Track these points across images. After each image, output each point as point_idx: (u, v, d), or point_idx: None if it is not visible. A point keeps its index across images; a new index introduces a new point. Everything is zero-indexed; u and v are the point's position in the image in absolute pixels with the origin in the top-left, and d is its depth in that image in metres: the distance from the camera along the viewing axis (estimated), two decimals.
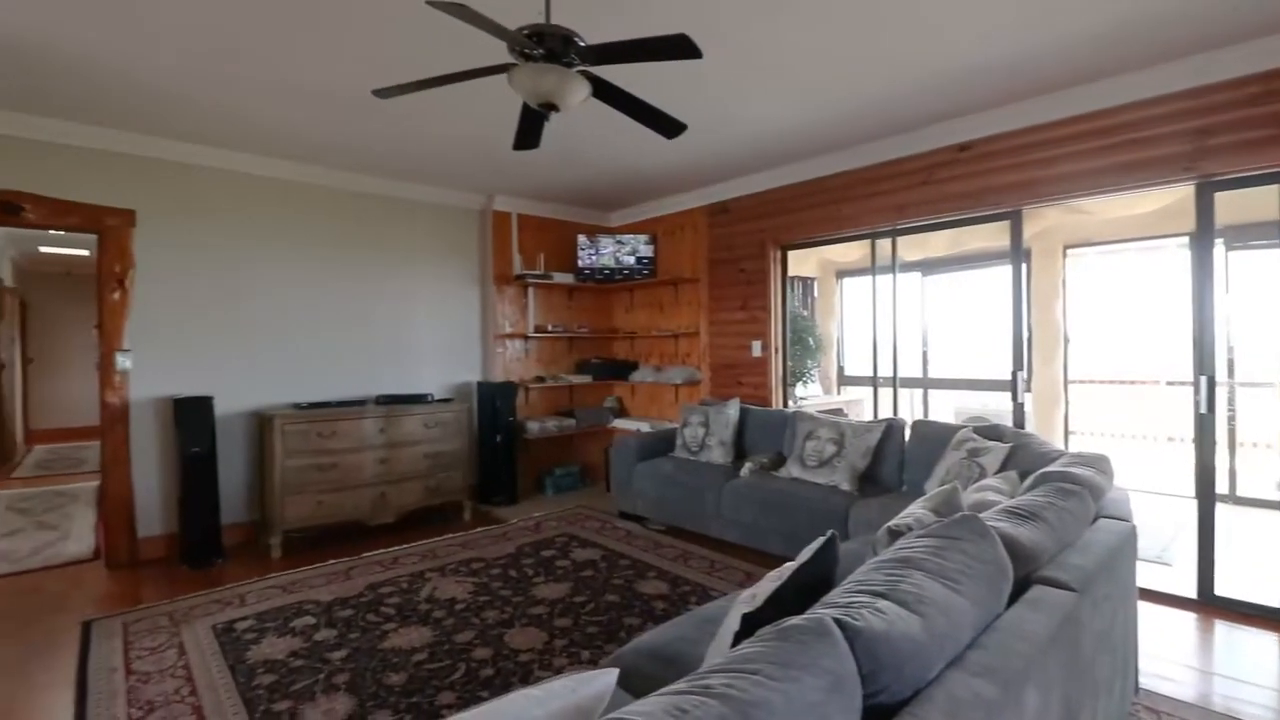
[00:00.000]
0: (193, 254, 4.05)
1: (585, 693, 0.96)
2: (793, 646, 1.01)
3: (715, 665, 0.99)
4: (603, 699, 0.97)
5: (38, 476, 6.69)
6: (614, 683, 1.00)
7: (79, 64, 2.89)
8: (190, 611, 3.05)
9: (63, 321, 9.54)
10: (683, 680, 0.97)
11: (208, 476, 3.77)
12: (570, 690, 0.95)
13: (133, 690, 2.34)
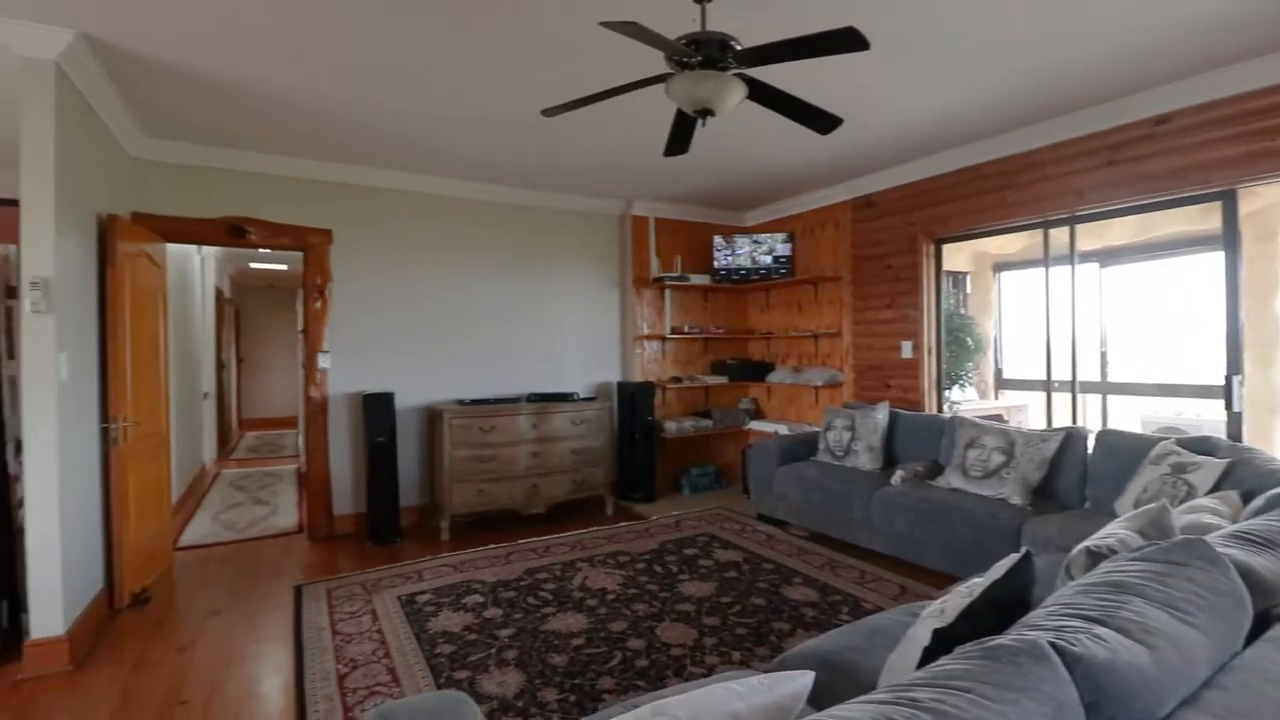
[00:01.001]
0: (377, 267, 4.57)
1: (782, 691, 0.97)
2: (1006, 668, 0.96)
3: (917, 679, 0.96)
4: (799, 699, 0.98)
5: (249, 459, 7.86)
6: (810, 684, 1.00)
7: (289, 105, 3.37)
8: (379, 583, 3.44)
9: (266, 326, 11.14)
10: (882, 690, 0.95)
11: (389, 463, 4.23)
12: (767, 688, 0.97)
13: (339, 648, 2.69)
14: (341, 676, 2.44)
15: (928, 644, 1.23)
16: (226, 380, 8.90)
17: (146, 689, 2.43)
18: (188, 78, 3.03)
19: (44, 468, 2.58)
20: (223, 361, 8.65)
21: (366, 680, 2.41)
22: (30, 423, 2.57)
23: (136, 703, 2.33)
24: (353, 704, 2.25)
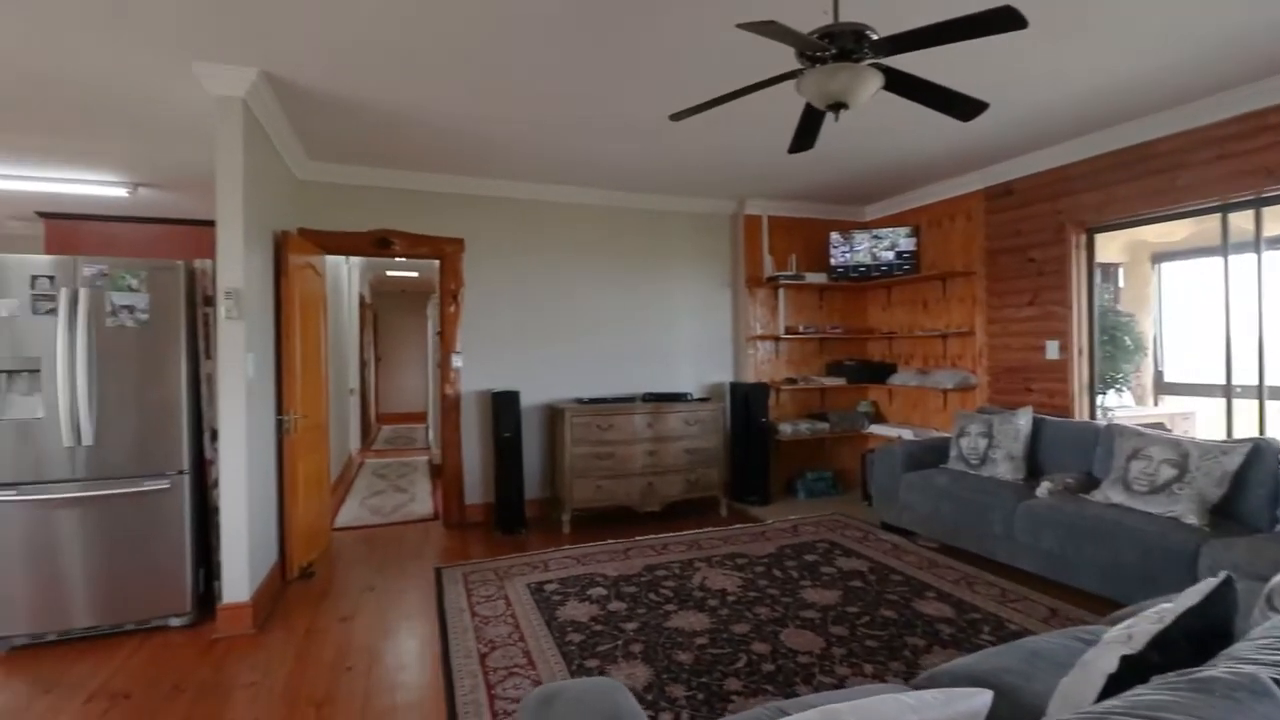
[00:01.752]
0: (504, 272, 4.83)
1: (959, 709, 0.93)
2: (1221, 702, 0.86)
3: (1113, 709, 0.89)
4: (978, 717, 0.94)
5: (387, 449, 8.57)
6: (989, 704, 0.95)
7: (432, 126, 3.63)
8: (509, 570, 3.64)
9: (399, 328, 12.10)
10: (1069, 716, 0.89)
11: (515, 458, 4.46)
12: (942, 703, 0.93)
13: (478, 629, 2.88)
14: (483, 655, 2.61)
15: (1114, 671, 1.13)
16: (367, 378, 9.75)
17: (316, 653, 2.72)
18: (348, 106, 3.36)
19: (235, 454, 2.96)
20: (364, 360, 9.49)
21: (505, 661, 2.56)
22: (224, 415, 2.96)
23: (309, 665, 2.62)
24: (494, 682, 2.40)
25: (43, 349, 2.81)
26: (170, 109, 3.40)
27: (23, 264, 2.83)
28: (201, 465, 3.13)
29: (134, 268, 2.93)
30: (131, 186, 4.77)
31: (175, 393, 2.99)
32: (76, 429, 2.82)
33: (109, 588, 2.88)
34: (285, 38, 2.66)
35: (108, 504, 2.88)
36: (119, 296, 2.90)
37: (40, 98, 3.22)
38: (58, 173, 4.46)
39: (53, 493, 2.81)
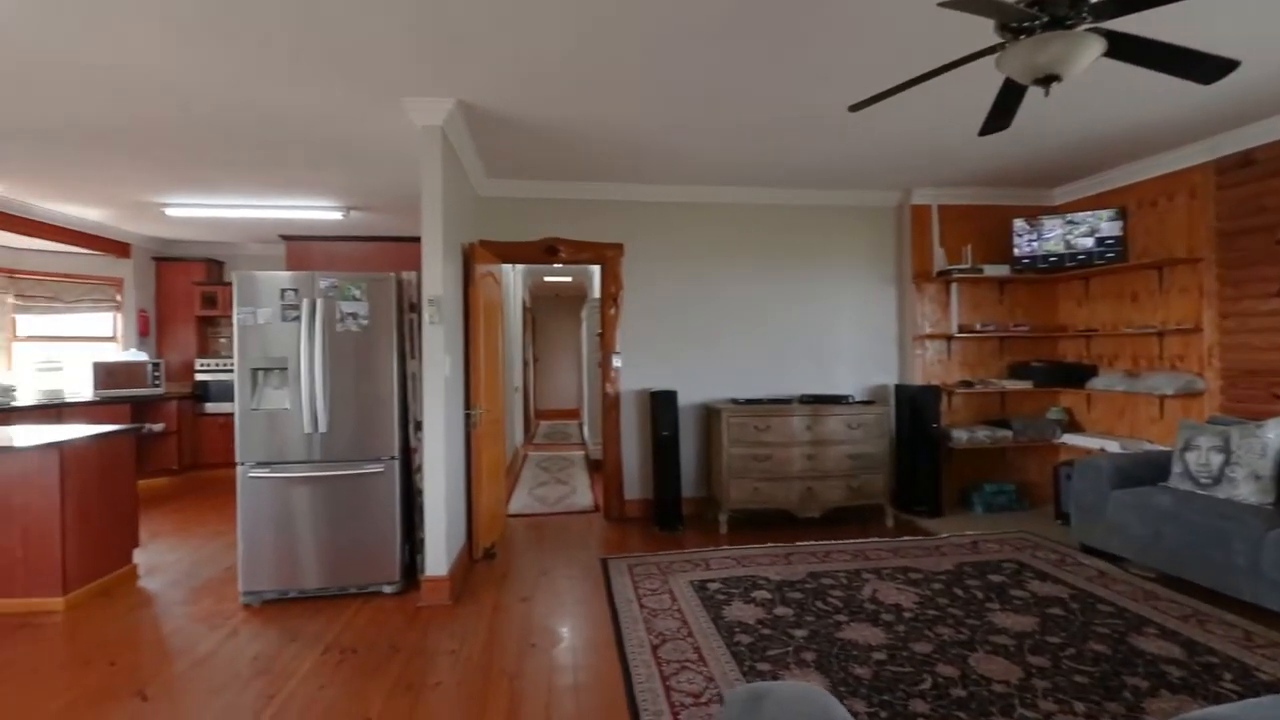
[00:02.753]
0: (661, 275, 4.95)
1: None
2: None
3: None
4: None
5: (545, 444, 9.13)
6: None
7: (598, 139, 3.81)
8: (671, 565, 3.72)
9: (554, 330, 12.85)
10: None
11: (673, 456, 4.55)
12: None
13: (647, 620, 2.97)
14: (654, 647, 2.69)
15: None
16: (527, 377, 10.46)
17: (504, 628, 2.96)
18: (527, 126, 3.62)
19: (435, 443, 3.31)
20: (525, 361, 10.19)
21: (676, 655, 2.62)
22: (426, 408, 3.32)
23: (499, 639, 2.86)
24: (668, 674, 2.46)
25: (288, 350, 3.34)
26: (379, 141, 3.89)
27: (274, 280, 3.38)
28: (407, 452, 3.54)
29: (356, 280, 3.39)
30: (345, 210, 5.52)
31: (388, 388, 3.41)
32: (315, 418, 3.32)
33: (336, 555, 3.35)
34: (479, 68, 2.93)
35: (337, 483, 3.35)
36: (346, 305, 3.37)
37: (277, 137, 3.83)
38: (291, 201, 5.28)
39: (295, 472, 3.34)
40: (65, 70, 2.88)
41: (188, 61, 2.82)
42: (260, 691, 2.43)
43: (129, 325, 6.59)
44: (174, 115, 3.42)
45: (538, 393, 12.44)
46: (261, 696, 2.40)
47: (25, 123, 3.50)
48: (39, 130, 3.62)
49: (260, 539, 3.31)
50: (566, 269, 9.59)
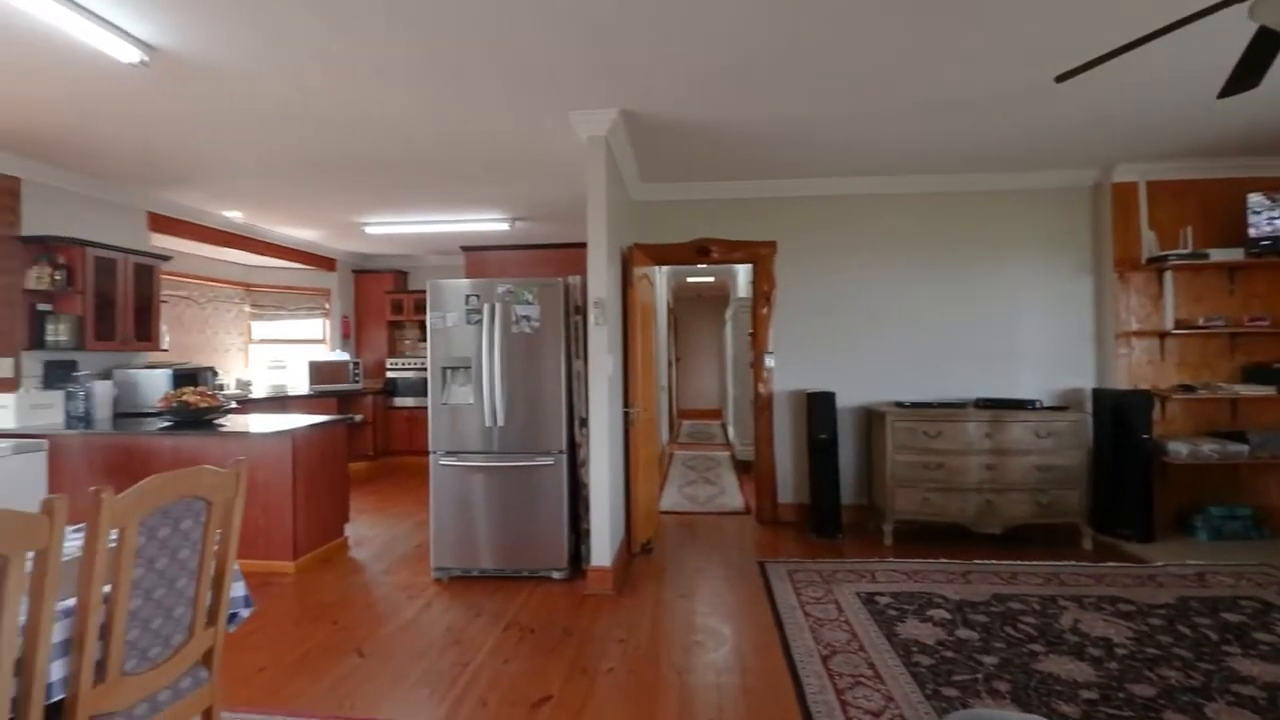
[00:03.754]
0: (815, 272, 4.79)
1: None
2: None
3: None
4: None
5: (690, 443, 9.20)
6: None
7: (752, 137, 3.76)
8: (833, 574, 3.58)
9: (695, 331, 12.92)
10: None
11: (831, 460, 4.38)
12: None
13: (813, 629, 2.88)
14: (824, 658, 2.60)
15: None
16: (671, 377, 10.61)
17: (667, 623, 3.02)
18: (685, 129, 3.67)
19: (600, 439, 3.46)
20: (669, 361, 10.34)
21: (848, 668, 2.51)
22: (592, 405, 3.47)
23: (664, 633, 2.92)
24: (842, 688, 2.36)
25: (471, 350, 3.66)
26: (545, 156, 4.14)
27: (460, 287, 3.71)
28: (573, 447, 3.73)
29: (529, 285, 3.64)
30: (511, 220, 5.95)
31: (556, 386, 3.62)
32: (494, 413, 3.61)
33: (510, 540, 3.61)
34: (643, 79, 3.01)
35: (512, 474, 3.62)
36: (520, 308, 3.62)
37: (461, 160, 4.20)
38: (466, 215, 5.79)
39: (477, 461, 3.64)
40: (301, 117, 3.38)
41: (399, 102, 3.18)
42: (455, 660, 2.69)
43: (335, 329, 7.61)
44: (381, 147, 3.88)
45: (679, 393, 12.57)
46: (456, 664, 2.64)
47: (266, 161, 4.16)
48: (273, 167, 4.29)
49: (448, 521, 3.66)
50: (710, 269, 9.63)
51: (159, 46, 2.67)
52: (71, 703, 1.35)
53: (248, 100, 3.21)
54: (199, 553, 1.60)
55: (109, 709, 1.43)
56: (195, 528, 1.58)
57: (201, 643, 1.65)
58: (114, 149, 3.91)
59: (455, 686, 2.47)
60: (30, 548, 1.22)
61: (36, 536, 1.22)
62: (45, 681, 1.30)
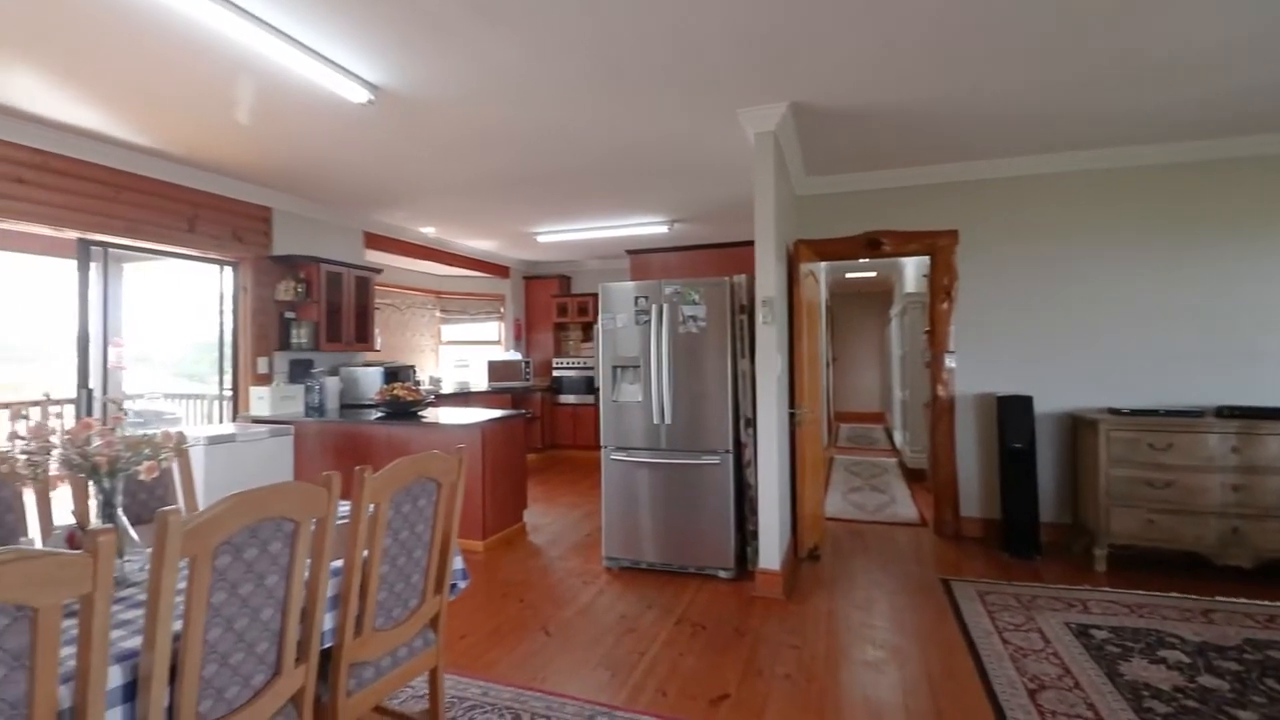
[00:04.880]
0: (1007, 261, 4.33)
1: None
2: None
3: None
4: None
5: (850, 447, 8.76)
6: None
7: (929, 117, 3.47)
8: (1034, 600, 3.21)
9: (853, 329, 12.28)
10: None
11: (1026, 472, 3.93)
12: None
13: (1015, 659, 2.60)
14: (1031, 692, 2.34)
15: None
16: (828, 378, 10.18)
17: (843, 634, 2.89)
18: (858, 116, 3.49)
19: (768, 440, 3.40)
20: (826, 361, 9.94)
21: (1063, 707, 2.23)
22: (760, 406, 3.43)
23: (840, 644, 2.80)
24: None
25: (640, 350, 3.78)
26: (708, 157, 4.15)
27: (629, 289, 3.85)
28: (738, 447, 3.72)
29: (696, 285, 3.68)
30: (670, 223, 6.06)
31: (722, 385, 3.62)
32: (662, 411, 3.70)
33: (677, 536, 3.68)
34: (814, 69, 2.91)
35: (679, 471, 3.68)
36: (687, 308, 3.68)
37: (629, 167, 4.35)
38: (628, 220, 6.00)
39: (645, 457, 3.75)
40: (491, 139, 3.71)
41: (578, 119, 3.38)
42: (631, 648, 2.79)
43: (508, 331, 8.26)
44: (557, 161, 4.15)
45: (836, 394, 12.02)
46: (633, 652, 2.74)
47: (457, 181, 4.62)
48: (462, 186, 4.75)
49: (617, 513, 3.81)
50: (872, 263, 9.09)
51: (382, 86, 3.06)
52: (337, 650, 1.59)
53: (447, 126, 3.58)
54: (431, 527, 1.82)
55: (363, 658, 1.66)
56: (428, 505, 1.79)
57: (430, 608, 1.87)
58: (339, 178, 4.56)
59: (634, 673, 2.56)
60: (314, 515, 1.45)
61: (318, 505, 1.46)
62: (322, 630, 1.54)
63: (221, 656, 1.28)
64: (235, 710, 1.33)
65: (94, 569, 1.00)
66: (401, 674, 1.78)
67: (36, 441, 1.52)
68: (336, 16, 2.44)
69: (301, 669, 1.48)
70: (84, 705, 1.03)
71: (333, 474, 1.47)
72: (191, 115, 3.38)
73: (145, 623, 1.14)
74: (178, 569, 1.15)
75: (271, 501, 1.31)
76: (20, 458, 1.52)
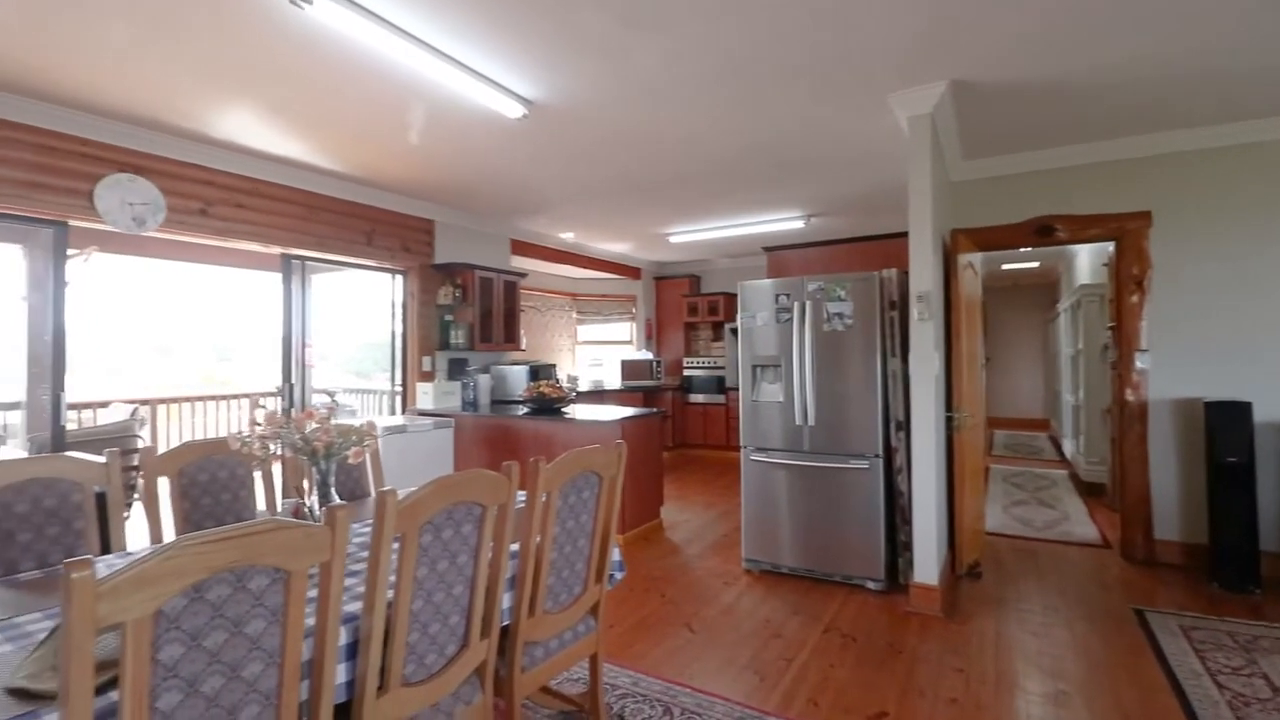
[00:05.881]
0: (1215, 244, 3.73)
1: None
2: None
3: None
4: None
5: (1007, 457, 7.98)
6: None
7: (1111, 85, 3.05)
8: (1255, 641, 2.73)
9: (1008, 327, 11.18)
10: None
11: (1243, 491, 3.36)
12: None
13: (1234, 707, 2.23)
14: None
15: None
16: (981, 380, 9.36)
17: (1016, 661, 2.63)
18: (1020, 91, 3.17)
19: (923, 445, 3.18)
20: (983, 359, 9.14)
21: None
22: (915, 408, 3.21)
23: (1013, 671, 2.55)
24: None
25: (781, 349, 3.69)
26: (850, 148, 3.97)
27: (768, 287, 3.77)
28: (889, 451, 3.51)
29: (842, 281, 3.53)
30: (806, 218, 5.87)
31: (871, 386, 3.44)
32: (805, 412, 3.58)
33: (821, 542, 3.54)
34: (982, 37, 2.67)
35: (823, 475, 3.55)
36: (832, 305, 3.54)
37: (763, 164, 4.27)
38: (761, 217, 5.89)
39: (787, 459, 3.66)
40: (627, 143, 3.79)
41: (714, 115, 3.37)
42: (779, 653, 2.72)
43: (640, 331, 8.43)
44: (691, 162, 4.16)
45: (989, 398, 11.01)
46: (780, 658, 2.68)
47: (594, 186, 4.78)
48: (599, 191, 4.90)
49: (758, 515, 3.75)
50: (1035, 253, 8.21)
51: (534, 100, 3.24)
52: (514, 629, 1.70)
53: (587, 133, 3.71)
54: (593, 517, 1.89)
55: (535, 638, 1.76)
56: (590, 497, 1.86)
57: (592, 596, 1.95)
58: (490, 190, 4.89)
59: (783, 680, 2.50)
60: (498, 501, 1.56)
61: (502, 492, 1.56)
62: (501, 608, 1.65)
63: (422, 625, 1.41)
64: (432, 676, 1.46)
65: (332, 540, 1.14)
66: (567, 656, 1.87)
67: (270, 428, 1.77)
68: (499, 39, 2.62)
69: (484, 643, 1.59)
70: (321, 658, 1.18)
71: (512, 464, 1.57)
72: (372, 140, 3.78)
73: (365, 590, 1.28)
74: (393, 543, 1.29)
75: (465, 487, 1.43)
76: (255, 442, 1.77)
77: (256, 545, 1.02)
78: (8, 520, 1.78)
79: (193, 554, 0.95)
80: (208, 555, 0.97)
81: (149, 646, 0.93)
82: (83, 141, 3.36)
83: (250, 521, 1.04)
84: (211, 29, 2.51)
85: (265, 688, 1.09)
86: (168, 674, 0.96)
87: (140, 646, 0.91)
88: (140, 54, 2.70)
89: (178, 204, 3.72)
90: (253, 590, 1.05)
